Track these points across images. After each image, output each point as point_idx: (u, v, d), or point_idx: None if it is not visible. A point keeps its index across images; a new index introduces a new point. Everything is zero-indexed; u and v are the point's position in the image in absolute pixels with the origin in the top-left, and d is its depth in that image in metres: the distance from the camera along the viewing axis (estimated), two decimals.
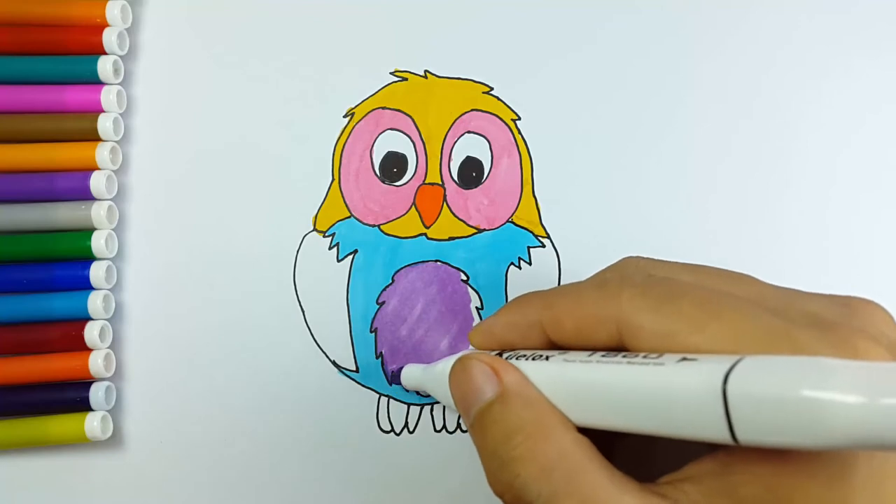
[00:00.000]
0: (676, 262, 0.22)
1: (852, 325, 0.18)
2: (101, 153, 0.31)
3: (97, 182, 0.30)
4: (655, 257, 0.23)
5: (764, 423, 0.15)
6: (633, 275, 0.22)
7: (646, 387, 0.18)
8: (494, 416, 0.21)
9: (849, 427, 0.14)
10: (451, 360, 0.25)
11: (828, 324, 0.18)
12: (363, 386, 0.31)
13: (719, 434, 0.16)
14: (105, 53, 0.31)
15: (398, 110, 0.32)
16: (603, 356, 0.20)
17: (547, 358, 0.21)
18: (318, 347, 0.31)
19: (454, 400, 0.23)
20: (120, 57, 0.32)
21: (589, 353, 0.21)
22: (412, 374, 0.29)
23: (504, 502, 0.20)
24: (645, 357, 0.19)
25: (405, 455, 0.31)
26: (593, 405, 0.20)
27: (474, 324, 0.31)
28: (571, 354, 0.21)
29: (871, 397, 0.14)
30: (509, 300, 0.25)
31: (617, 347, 0.20)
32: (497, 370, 0.21)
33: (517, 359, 0.22)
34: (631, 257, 0.23)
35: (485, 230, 0.32)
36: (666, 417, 0.18)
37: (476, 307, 0.31)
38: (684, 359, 0.18)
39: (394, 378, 0.30)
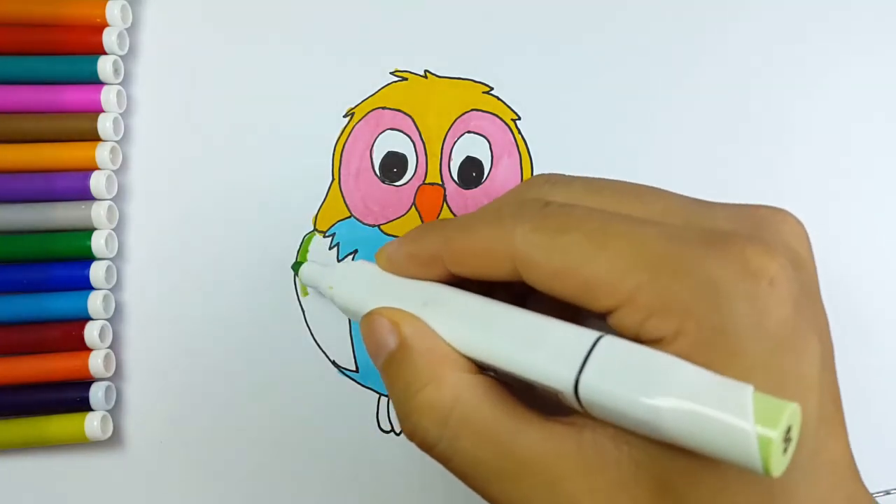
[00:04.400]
0: (584, 181, 0.22)
1: (752, 236, 0.18)
2: (101, 153, 0.31)
3: (97, 182, 0.30)
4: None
5: (606, 410, 0.17)
6: (529, 205, 0.21)
7: (514, 333, 0.19)
8: (395, 367, 0.21)
9: (672, 432, 0.16)
10: (347, 268, 0.25)
11: (722, 238, 0.18)
12: (363, 386, 0.31)
13: (573, 402, 0.18)
14: (105, 53, 0.31)
15: (398, 110, 0.32)
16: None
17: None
18: (318, 347, 0.31)
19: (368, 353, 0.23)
20: (120, 57, 0.32)
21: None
22: (311, 274, 0.28)
23: (416, 446, 0.21)
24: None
25: (405, 455, 0.31)
26: (476, 344, 0.20)
27: None
28: (467, 296, 0.21)
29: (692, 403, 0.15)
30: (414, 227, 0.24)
31: (519, 282, 0.20)
32: (397, 322, 0.21)
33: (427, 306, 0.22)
34: (539, 175, 0.23)
35: None
36: (527, 367, 0.19)
37: None
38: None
39: (294, 267, 0.30)
